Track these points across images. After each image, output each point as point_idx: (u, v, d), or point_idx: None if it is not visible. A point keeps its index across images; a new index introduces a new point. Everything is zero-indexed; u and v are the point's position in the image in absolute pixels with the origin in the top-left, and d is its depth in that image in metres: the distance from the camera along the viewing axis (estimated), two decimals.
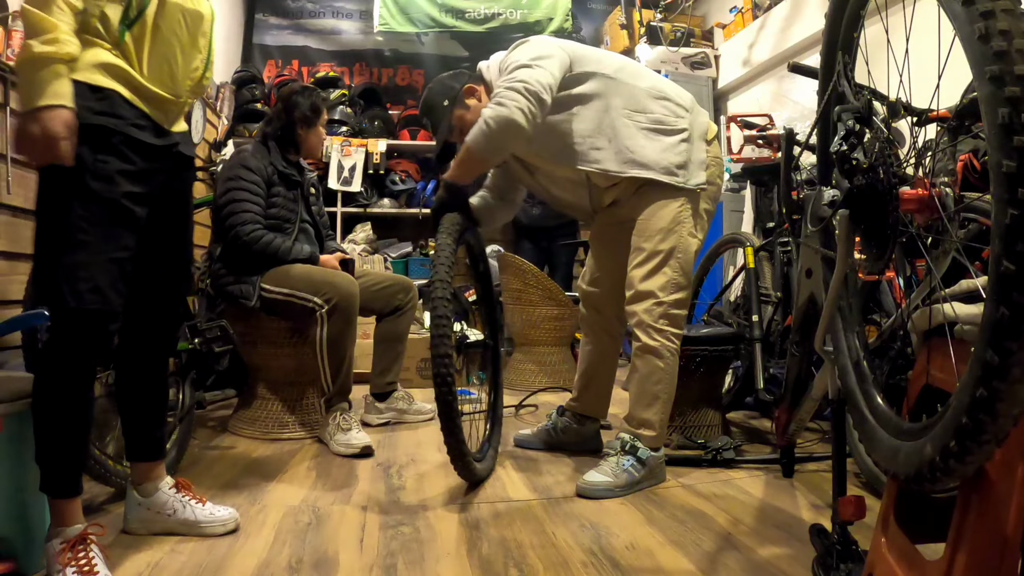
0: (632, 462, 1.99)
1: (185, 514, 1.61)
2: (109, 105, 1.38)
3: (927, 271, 1.20)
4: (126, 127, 1.40)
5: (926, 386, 1.12)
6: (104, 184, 1.36)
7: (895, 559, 1.09)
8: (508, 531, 1.68)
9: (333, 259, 2.74)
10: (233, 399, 3.07)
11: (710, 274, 3.34)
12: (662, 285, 2.05)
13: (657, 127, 2.11)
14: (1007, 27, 0.77)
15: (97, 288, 1.35)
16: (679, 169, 2.10)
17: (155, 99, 1.45)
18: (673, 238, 2.07)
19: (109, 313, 1.38)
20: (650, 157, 2.09)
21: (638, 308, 2.07)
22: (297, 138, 2.78)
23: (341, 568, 1.45)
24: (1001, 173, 0.75)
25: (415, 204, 5.13)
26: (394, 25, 5.44)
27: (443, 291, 1.88)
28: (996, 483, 0.92)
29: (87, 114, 1.34)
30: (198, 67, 1.54)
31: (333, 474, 2.17)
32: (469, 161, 2.08)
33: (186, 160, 1.60)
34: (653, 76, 2.25)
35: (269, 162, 2.69)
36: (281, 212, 2.68)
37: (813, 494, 1.96)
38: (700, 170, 2.14)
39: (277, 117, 2.79)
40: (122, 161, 1.39)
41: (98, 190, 1.35)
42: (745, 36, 4.62)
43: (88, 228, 1.35)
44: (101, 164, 1.36)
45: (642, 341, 2.06)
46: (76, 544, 1.34)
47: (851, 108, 1.18)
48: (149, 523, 1.61)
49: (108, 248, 1.37)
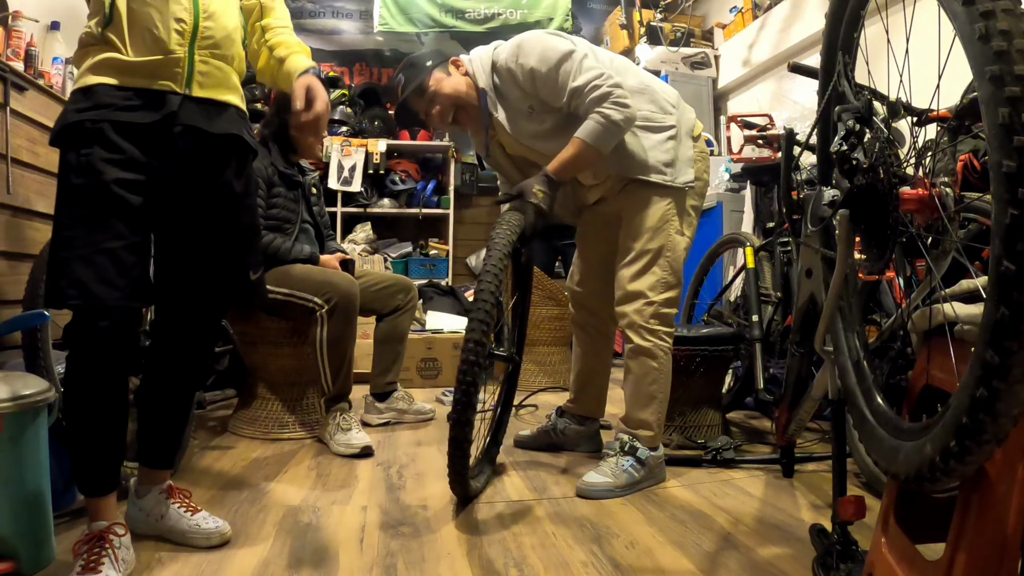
0: (632, 462, 1.99)
1: (171, 521, 1.57)
2: (92, 99, 1.37)
3: (927, 271, 1.20)
4: (110, 114, 1.37)
5: (926, 386, 1.12)
6: (87, 177, 1.34)
7: (895, 559, 1.09)
8: (508, 531, 1.67)
9: (333, 259, 2.74)
10: (233, 399, 3.07)
11: (710, 274, 3.34)
12: (651, 285, 2.05)
13: (644, 124, 2.09)
14: (1007, 27, 0.77)
15: (78, 282, 1.31)
16: (666, 167, 2.09)
17: (145, 69, 1.40)
18: (661, 237, 2.06)
19: (95, 309, 1.33)
20: (637, 154, 2.08)
21: (628, 309, 2.07)
22: (292, 139, 2.75)
23: (341, 568, 1.45)
24: (1001, 173, 0.75)
25: (415, 204, 5.13)
26: (394, 25, 5.44)
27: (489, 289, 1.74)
28: (996, 483, 0.92)
29: (71, 115, 1.36)
30: (183, 18, 1.43)
31: (333, 474, 2.17)
32: (588, 157, 1.99)
33: (212, 138, 1.48)
34: (640, 72, 2.23)
35: (270, 162, 2.69)
36: (282, 213, 2.68)
37: (813, 494, 1.96)
38: (688, 167, 2.13)
39: (271, 119, 2.77)
40: (108, 150, 1.36)
41: (81, 184, 1.34)
42: (745, 36, 4.62)
43: (71, 224, 1.33)
44: (84, 158, 1.34)
45: (634, 342, 2.06)
46: (94, 539, 1.36)
47: (851, 108, 1.18)
48: (140, 524, 1.59)
49: (96, 240, 1.33)
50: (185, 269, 1.51)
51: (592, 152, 1.97)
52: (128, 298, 1.37)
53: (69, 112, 1.38)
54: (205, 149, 1.48)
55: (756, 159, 3.43)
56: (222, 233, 1.53)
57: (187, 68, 1.44)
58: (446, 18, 5.49)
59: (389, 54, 5.68)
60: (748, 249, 2.82)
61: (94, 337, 1.35)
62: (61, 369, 1.69)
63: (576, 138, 1.96)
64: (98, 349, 1.37)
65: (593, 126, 1.94)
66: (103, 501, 1.42)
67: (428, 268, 4.95)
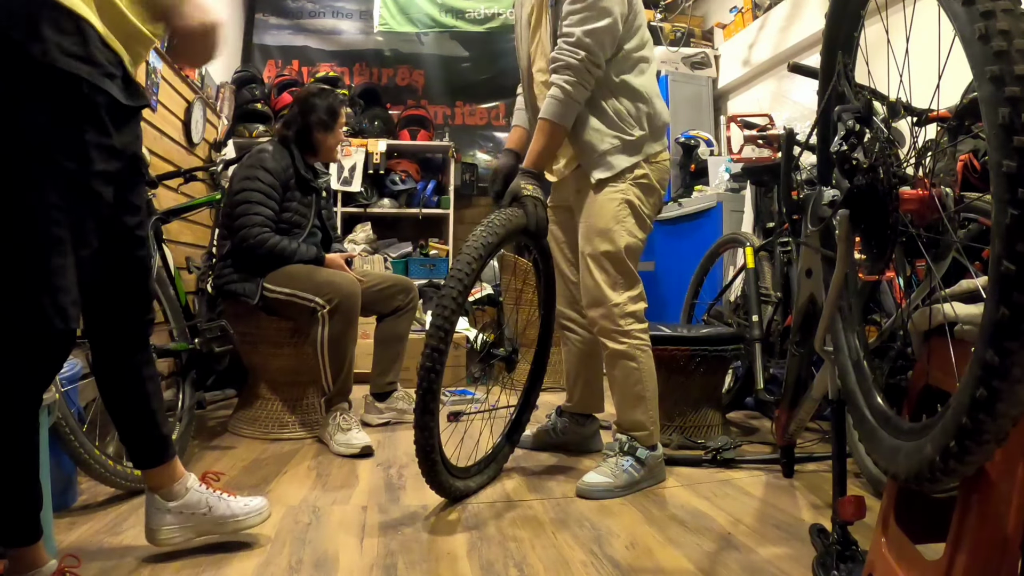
0: (631, 462, 1.99)
1: (220, 509, 1.45)
2: (85, 45, 1.02)
3: (927, 271, 1.20)
4: (106, 83, 1.06)
5: (926, 386, 1.12)
6: (78, 162, 1.08)
7: (895, 559, 1.09)
8: (508, 531, 1.68)
9: (340, 258, 2.75)
10: (233, 399, 3.07)
11: (710, 274, 3.34)
12: (612, 286, 2.02)
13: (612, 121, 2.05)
14: (1007, 27, 0.77)
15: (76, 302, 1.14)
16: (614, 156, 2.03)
17: (133, 34, 1.10)
18: (614, 238, 2.02)
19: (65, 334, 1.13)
20: (590, 144, 2.04)
21: (595, 315, 2.06)
22: (315, 141, 2.76)
23: (341, 568, 1.45)
24: (1001, 173, 0.75)
25: (415, 204, 5.13)
26: (394, 25, 5.44)
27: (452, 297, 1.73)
28: (996, 483, 0.92)
29: (65, 58, 1.00)
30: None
31: (333, 474, 2.17)
32: (556, 135, 2.00)
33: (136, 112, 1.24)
34: (653, 82, 2.19)
35: (290, 164, 2.68)
36: (294, 217, 2.69)
37: (813, 494, 1.96)
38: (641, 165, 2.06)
39: (294, 120, 2.77)
40: (99, 133, 1.08)
41: (71, 169, 1.07)
42: (745, 36, 4.62)
43: (63, 220, 1.09)
44: (78, 136, 1.05)
45: (610, 348, 2.05)
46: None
47: (851, 108, 1.18)
48: (184, 529, 1.45)
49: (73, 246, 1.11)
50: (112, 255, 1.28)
51: (558, 129, 1.99)
52: (77, 306, 1.15)
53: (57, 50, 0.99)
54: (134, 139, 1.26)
55: (756, 159, 3.43)
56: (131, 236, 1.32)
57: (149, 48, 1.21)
58: (446, 18, 5.49)
59: (389, 54, 5.67)
60: (748, 249, 2.82)
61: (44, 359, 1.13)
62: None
63: (540, 119, 1.99)
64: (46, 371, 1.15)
65: (550, 102, 1.97)
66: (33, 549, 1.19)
67: (428, 268, 4.95)
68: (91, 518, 1.71)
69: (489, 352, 2.12)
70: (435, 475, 1.78)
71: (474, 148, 5.65)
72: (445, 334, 1.72)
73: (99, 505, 1.80)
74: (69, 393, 1.72)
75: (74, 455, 1.67)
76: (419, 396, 1.71)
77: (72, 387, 1.75)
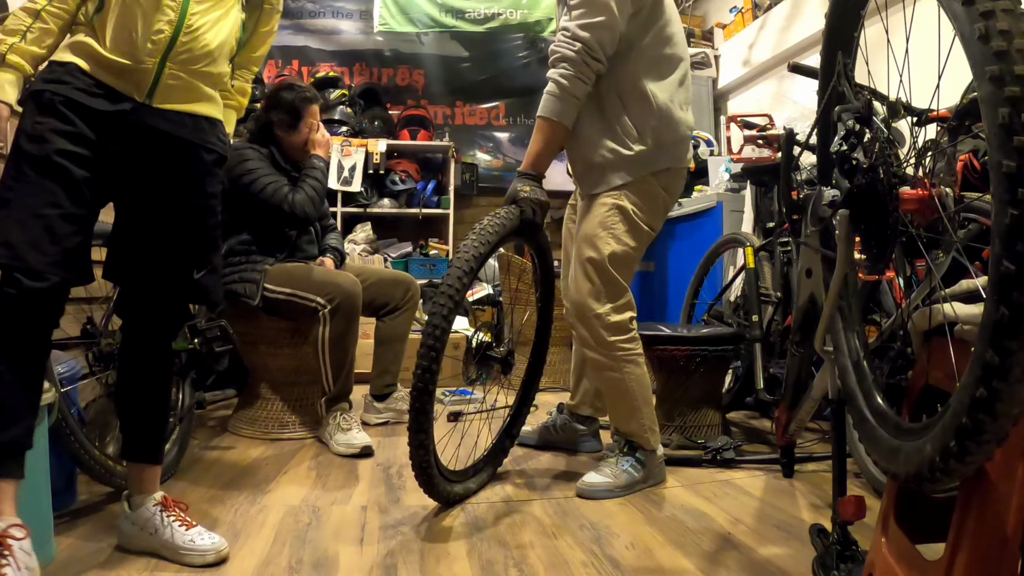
0: (631, 462, 1.99)
1: (165, 536, 1.48)
2: (61, 74, 1.41)
3: (927, 271, 1.20)
4: (70, 91, 1.40)
5: (926, 386, 1.12)
6: (36, 143, 1.36)
7: (895, 559, 1.09)
8: (508, 531, 1.68)
9: (329, 262, 2.75)
10: (233, 399, 3.07)
11: (710, 274, 3.34)
12: (595, 296, 1.95)
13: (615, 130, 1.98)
14: (1007, 27, 0.77)
15: (7, 243, 1.29)
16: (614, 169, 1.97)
17: (114, 67, 1.43)
18: (599, 245, 1.94)
19: (20, 269, 1.29)
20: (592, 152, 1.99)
21: (575, 323, 2.01)
22: (278, 139, 2.69)
23: (341, 568, 1.45)
24: (1001, 173, 0.75)
25: (415, 204, 5.13)
26: (394, 25, 5.44)
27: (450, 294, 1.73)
28: (996, 483, 0.92)
29: (37, 83, 1.41)
30: (163, 29, 1.43)
31: (333, 474, 2.17)
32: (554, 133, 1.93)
33: (167, 138, 1.49)
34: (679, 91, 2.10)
35: (268, 154, 2.67)
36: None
37: (813, 494, 1.96)
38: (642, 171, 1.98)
39: (260, 116, 2.74)
40: (60, 121, 1.38)
41: (29, 149, 1.36)
42: (745, 36, 4.62)
43: (13, 185, 1.34)
44: (38, 125, 1.37)
45: (590, 358, 2.01)
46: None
47: (851, 108, 1.18)
48: (133, 539, 1.52)
49: (33, 203, 1.33)
50: (134, 259, 1.52)
51: (557, 128, 1.91)
52: (56, 266, 1.33)
53: (37, 80, 1.42)
54: (160, 146, 1.49)
55: (756, 159, 3.42)
56: (168, 230, 1.52)
57: (152, 80, 1.45)
58: (446, 18, 5.49)
59: (389, 54, 5.67)
60: (748, 249, 2.82)
61: (14, 300, 1.29)
62: (61, 369, 1.70)
63: (537, 118, 1.94)
64: (16, 313, 1.30)
65: (547, 98, 1.91)
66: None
67: (428, 268, 4.95)
68: (91, 518, 1.71)
69: (485, 353, 2.12)
70: (433, 487, 1.77)
71: (474, 148, 5.65)
72: (442, 332, 1.71)
73: (99, 505, 1.80)
74: (69, 393, 1.72)
75: (74, 455, 1.67)
76: (414, 397, 1.69)
77: (72, 387, 1.75)
